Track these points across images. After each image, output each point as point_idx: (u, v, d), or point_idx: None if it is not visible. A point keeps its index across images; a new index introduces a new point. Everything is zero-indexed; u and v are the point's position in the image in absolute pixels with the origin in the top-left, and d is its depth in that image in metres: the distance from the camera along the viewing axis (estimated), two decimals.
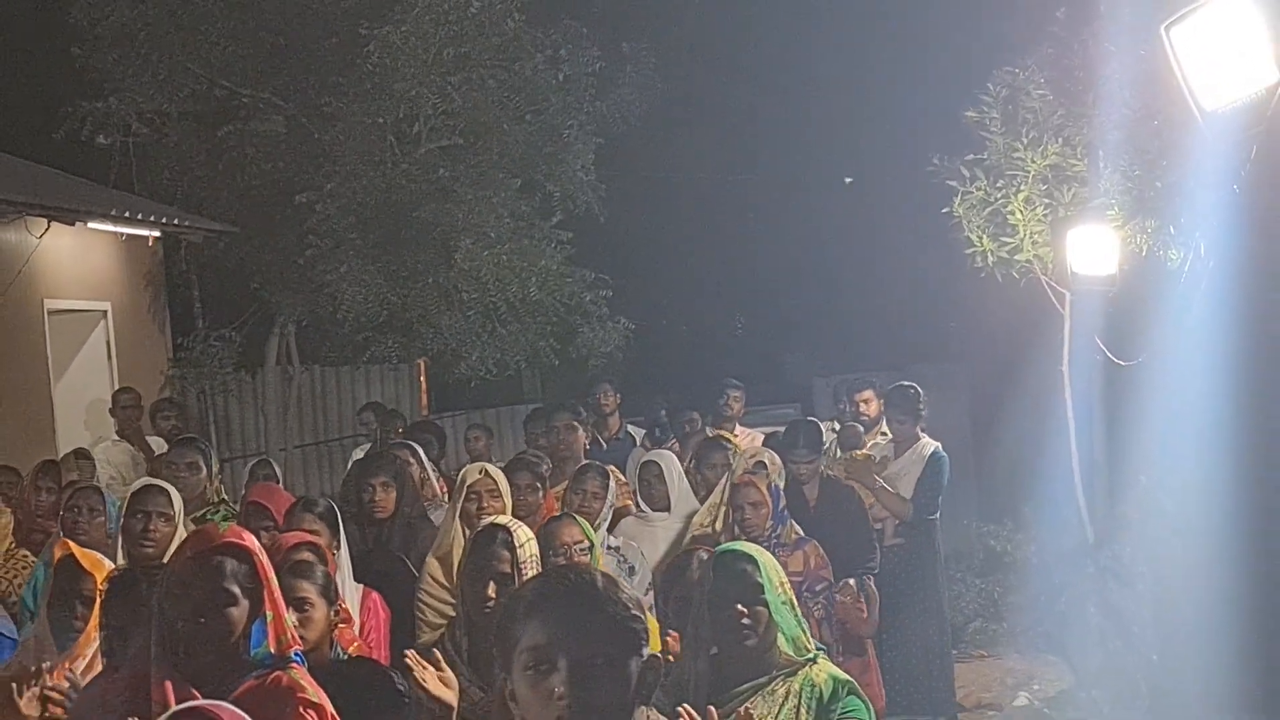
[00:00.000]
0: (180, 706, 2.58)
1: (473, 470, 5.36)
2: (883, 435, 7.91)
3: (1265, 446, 5.97)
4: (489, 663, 3.68)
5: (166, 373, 12.14)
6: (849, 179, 17.45)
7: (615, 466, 6.66)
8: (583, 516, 5.17)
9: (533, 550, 4.02)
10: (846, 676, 3.45)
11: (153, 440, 8.85)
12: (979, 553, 10.47)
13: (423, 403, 13.89)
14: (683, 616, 3.78)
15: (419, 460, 6.73)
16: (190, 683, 2.94)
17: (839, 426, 8.50)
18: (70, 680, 3.61)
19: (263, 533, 4.75)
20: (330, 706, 3.07)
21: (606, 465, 6.22)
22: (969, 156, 7.17)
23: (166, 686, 2.94)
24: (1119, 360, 7.06)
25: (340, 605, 4.08)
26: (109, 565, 4.25)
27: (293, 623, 3.34)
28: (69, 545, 4.28)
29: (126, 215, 10.62)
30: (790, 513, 5.92)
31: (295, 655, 3.13)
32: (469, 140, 11.71)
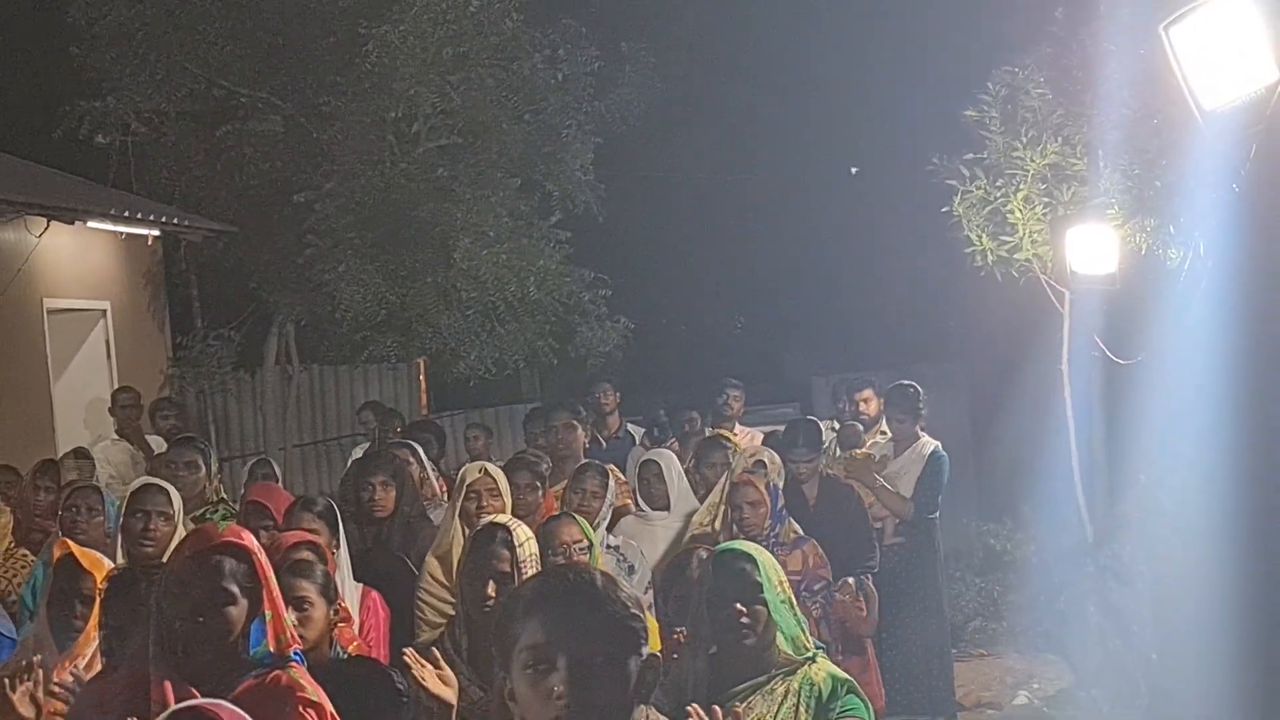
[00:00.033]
0: (179, 706, 2.58)
1: (472, 469, 5.37)
2: (882, 434, 7.90)
3: (1265, 446, 5.95)
4: (488, 661, 3.68)
5: (166, 372, 12.15)
6: (855, 169, 17.38)
7: (615, 465, 6.66)
8: (582, 515, 5.17)
9: (532, 549, 4.01)
10: (846, 675, 3.45)
11: (152, 439, 8.85)
12: (979, 552, 10.47)
13: (422, 402, 13.86)
14: (682, 616, 3.77)
15: (418, 459, 6.74)
16: (189, 682, 2.94)
17: (838, 426, 8.48)
18: (75, 676, 3.61)
19: (262, 532, 4.75)
20: (329, 705, 3.07)
21: (606, 464, 6.22)
22: (968, 156, 7.16)
23: (166, 686, 2.93)
24: (1118, 359, 7.06)
25: (340, 604, 4.08)
26: (108, 564, 4.24)
27: (292, 622, 3.34)
28: (68, 544, 4.27)
29: (125, 214, 10.63)
30: (790, 512, 5.93)
31: (294, 654, 3.13)
32: (468, 140, 11.70)
